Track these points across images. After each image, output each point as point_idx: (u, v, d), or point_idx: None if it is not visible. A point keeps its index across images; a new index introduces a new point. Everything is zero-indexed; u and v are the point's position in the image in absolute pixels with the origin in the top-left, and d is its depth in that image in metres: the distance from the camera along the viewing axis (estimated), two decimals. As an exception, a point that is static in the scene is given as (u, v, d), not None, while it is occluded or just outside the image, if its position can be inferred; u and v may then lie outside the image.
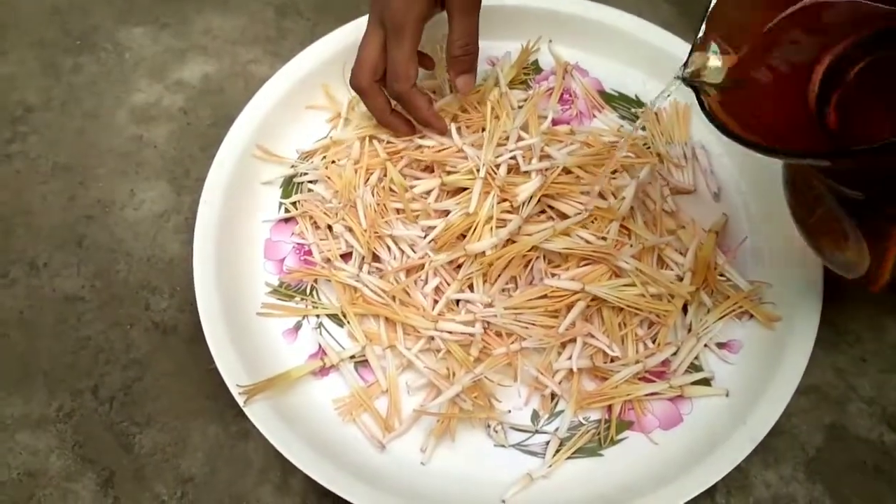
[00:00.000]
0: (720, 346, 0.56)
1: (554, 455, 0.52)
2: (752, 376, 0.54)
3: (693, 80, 0.43)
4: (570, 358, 0.54)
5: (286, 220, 0.60)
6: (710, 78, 0.43)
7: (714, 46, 0.44)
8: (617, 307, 0.54)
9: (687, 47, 0.61)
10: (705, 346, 0.55)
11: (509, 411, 0.54)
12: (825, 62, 0.43)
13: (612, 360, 0.54)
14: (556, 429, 0.53)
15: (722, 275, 0.57)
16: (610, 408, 0.53)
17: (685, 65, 0.44)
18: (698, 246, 0.57)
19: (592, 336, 0.54)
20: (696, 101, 0.42)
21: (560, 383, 0.54)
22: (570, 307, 0.54)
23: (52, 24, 0.73)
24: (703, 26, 0.43)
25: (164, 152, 0.66)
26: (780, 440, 0.55)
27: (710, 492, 0.51)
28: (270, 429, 0.50)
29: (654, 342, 0.55)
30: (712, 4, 0.43)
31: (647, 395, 0.53)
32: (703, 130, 0.63)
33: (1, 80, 0.70)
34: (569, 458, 0.52)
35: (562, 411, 0.53)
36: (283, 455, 0.49)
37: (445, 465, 0.52)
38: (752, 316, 0.56)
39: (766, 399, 0.52)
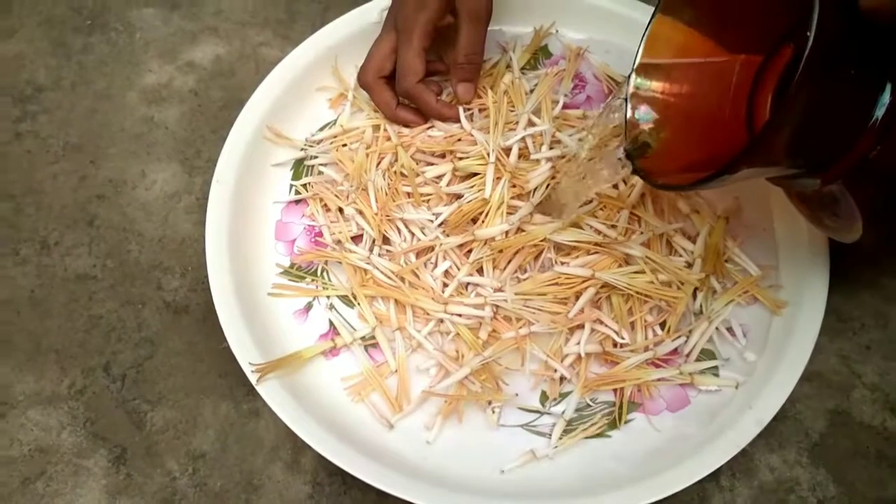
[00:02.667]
0: (728, 331, 0.56)
1: (560, 438, 0.53)
2: (758, 361, 0.54)
3: (636, 149, 0.47)
4: (578, 343, 0.54)
5: (297, 202, 0.60)
6: (648, 138, 0.47)
7: (640, 112, 0.48)
8: (626, 294, 0.55)
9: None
10: (717, 329, 0.56)
11: (517, 394, 0.54)
12: (771, 80, 0.45)
13: (621, 346, 0.54)
14: (563, 411, 0.53)
15: (727, 260, 0.57)
16: (619, 391, 0.54)
17: (625, 142, 0.47)
18: (708, 232, 0.57)
19: (601, 322, 0.55)
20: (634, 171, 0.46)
21: (569, 368, 0.54)
22: (579, 295, 0.55)
23: (62, 2, 0.73)
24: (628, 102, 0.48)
25: (175, 133, 0.66)
26: (785, 425, 0.55)
27: (716, 475, 0.52)
28: (281, 406, 0.50)
29: (662, 328, 0.55)
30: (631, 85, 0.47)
31: (656, 379, 0.54)
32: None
33: (10, 59, 0.70)
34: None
35: (570, 392, 0.54)
36: (294, 432, 0.49)
37: (454, 443, 0.53)
38: (757, 301, 0.57)
39: (772, 384, 0.52)
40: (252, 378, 0.51)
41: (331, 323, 0.56)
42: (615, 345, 0.54)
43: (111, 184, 0.64)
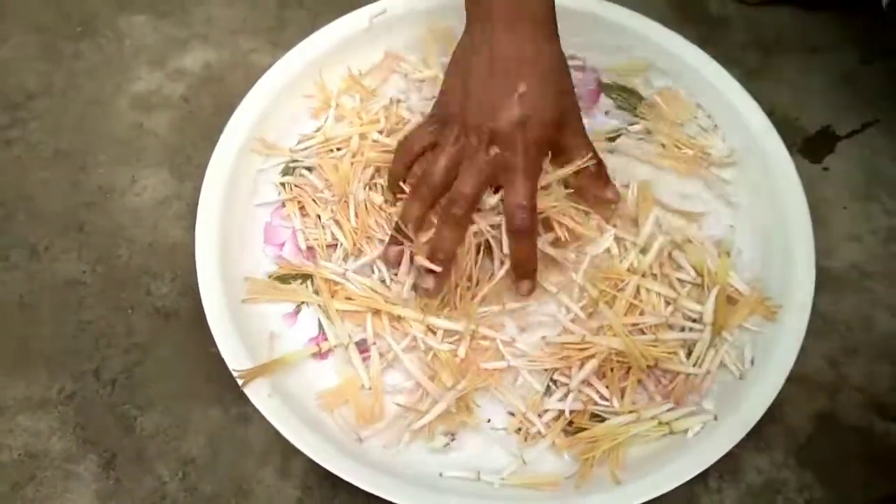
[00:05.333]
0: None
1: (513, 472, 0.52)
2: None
3: None
4: (560, 399, 0.54)
5: (285, 206, 0.61)
6: None
7: None
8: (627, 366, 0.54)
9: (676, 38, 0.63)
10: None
11: (489, 420, 0.54)
12: None
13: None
14: (523, 455, 0.52)
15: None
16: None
17: None
18: (716, 300, 0.56)
19: (590, 385, 0.54)
20: None
21: (545, 424, 0.53)
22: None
23: (52, 10, 0.73)
24: None
25: (165, 140, 0.66)
26: (772, 427, 0.56)
27: (703, 476, 0.52)
28: (271, 410, 0.50)
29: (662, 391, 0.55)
30: None
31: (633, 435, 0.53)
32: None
33: (0, 65, 0.70)
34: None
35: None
36: (283, 437, 0.49)
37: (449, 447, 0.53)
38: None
39: (759, 386, 0.53)
40: (240, 383, 0.51)
41: (320, 325, 0.56)
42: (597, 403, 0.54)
43: (101, 190, 0.64)
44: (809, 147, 0.68)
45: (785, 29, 0.75)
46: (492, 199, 0.53)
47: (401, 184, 0.56)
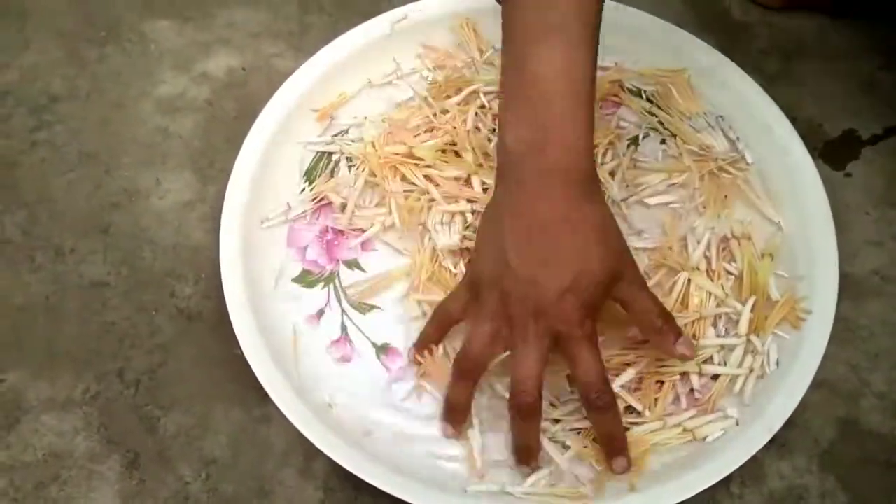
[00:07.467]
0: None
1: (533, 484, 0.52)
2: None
3: None
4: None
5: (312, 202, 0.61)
6: None
7: None
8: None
9: (698, 43, 0.64)
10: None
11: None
12: None
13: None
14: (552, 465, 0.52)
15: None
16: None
17: None
18: (753, 306, 0.56)
19: (620, 397, 0.53)
20: None
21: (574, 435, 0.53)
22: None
23: (76, 14, 0.74)
24: None
25: (189, 143, 0.67)
26: (794, 433, 0.55)
27: (726, 482, 0.52)
28: (293, 411, 0.51)
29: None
30: None
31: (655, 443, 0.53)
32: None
33: (25, 69, 0.71)
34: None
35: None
36: (305, 438, 0.50)
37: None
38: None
39: (782, 392, 0.52)
40: (264, 383, 0.51)
41: (342, 329, 0.57)
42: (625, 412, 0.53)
43: (125, 192, 0.65)
44: (831, 152, 0.68)
45: (806, 35, 0.75)
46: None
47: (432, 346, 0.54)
